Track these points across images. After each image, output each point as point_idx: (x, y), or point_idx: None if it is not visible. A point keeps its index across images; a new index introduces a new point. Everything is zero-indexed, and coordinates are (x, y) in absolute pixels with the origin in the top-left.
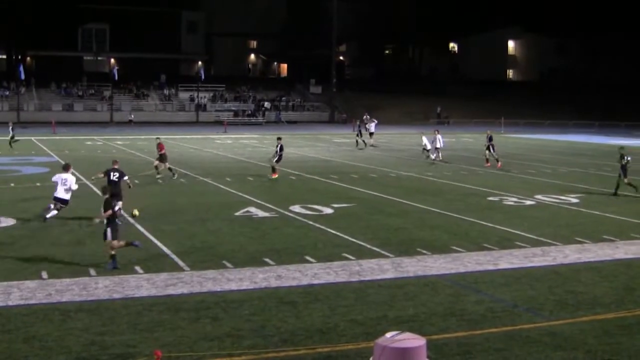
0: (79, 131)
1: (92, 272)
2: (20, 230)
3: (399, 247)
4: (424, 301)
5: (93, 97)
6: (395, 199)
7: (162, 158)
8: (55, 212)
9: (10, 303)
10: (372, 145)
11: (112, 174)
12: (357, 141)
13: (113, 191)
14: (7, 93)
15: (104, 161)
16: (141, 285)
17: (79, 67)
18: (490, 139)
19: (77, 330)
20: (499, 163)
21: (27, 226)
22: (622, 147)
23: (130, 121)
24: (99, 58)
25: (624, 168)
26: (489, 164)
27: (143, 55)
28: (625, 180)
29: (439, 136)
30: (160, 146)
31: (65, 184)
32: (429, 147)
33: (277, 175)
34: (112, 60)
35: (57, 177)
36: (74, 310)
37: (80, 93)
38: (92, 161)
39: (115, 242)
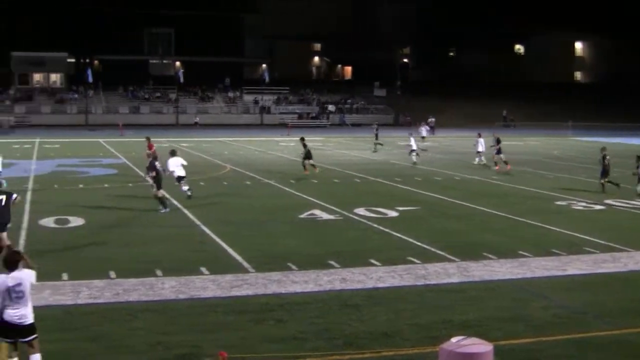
0: (145, 133)
1: (159, 272)
2: (89, 230)
3: (464, 251)
4: (489, 306)
5: (159, 100)
6: (459, 202)
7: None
8: (186, 186)
9: (79, 301)
10: (422, 150)
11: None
12: (375, 145)
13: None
14: (76, 96)
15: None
16: (206, 286)
17: (145, 70)
18: (497, 141)
19: (142, 330)
20: (508, 166)
21: (96, 226)
22: None
23: (196, 123)
24: (165, 61)
25: None
26: (497, 167)
27: (207, 59)
28: None
29: (480, 139)
30: (149, 146)
31: (179, 164)
32: (414, 147)
33: (308, 172)
34: (178, 64)
35: (172, 162)
36: (140, 310)
37: (146, 96)
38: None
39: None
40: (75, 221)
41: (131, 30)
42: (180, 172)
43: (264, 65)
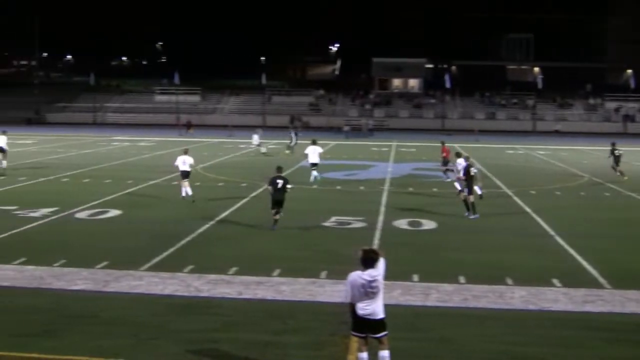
0: (501, 139)
1: (509, 281)
2: (440, 233)
3: None
4: None
5: (516, 106)
6: None
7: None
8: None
9: (427, 304)
10: None
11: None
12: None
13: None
14: (433, 101)
15: (524, 170)
16: (558, 299)
17: (503, 76)
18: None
19: (489, 337)
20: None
21: (447, 230)
22: None
23: (557, 131)
24: (523, 67)
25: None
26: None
27: (567, 64)
28: None
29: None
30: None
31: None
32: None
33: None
34: (536, 69)
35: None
36: (488, 317)
37: (503, 102)
38: (514, 170)
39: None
40: (428, 224)
41: (490, 35)
42: (315, 160)
43: (629, 71)
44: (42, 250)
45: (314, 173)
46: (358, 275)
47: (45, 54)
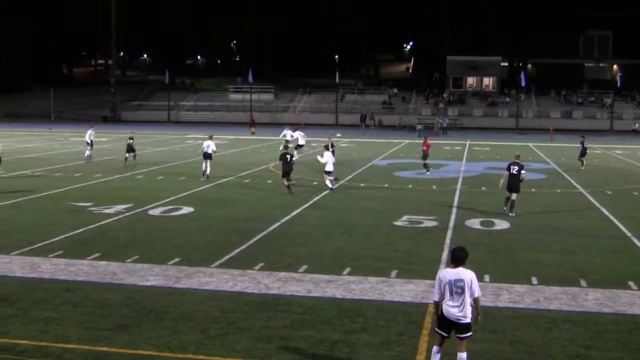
0: (577, 139)
1: (583, 282)
2: (516, 234)
3: None
4: None
5: (593, 105)
6: None
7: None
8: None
9: (499, 304)
10: None
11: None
12: None
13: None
14: (508, 100)
15: (600, 170)
16: (634, 302)
17: (580, 74)
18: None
19: (562, 340)
20: None
21: (523, 231)
22: None
23: (635, 130)
24: (601, 65)
25: None
26: None
27: None
28: None
29: None
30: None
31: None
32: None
33: None
34: (615, 67)
35: (327, 155)
36: (561, 319)
37: (579, 100)
38: (590, 170)
39: None
40: (501, 224)
41: (567, 33)
42: (329, 167)
43: None
44: (116, 246)
45: (330, 178)
46: (447, 272)
47: (122, 54)
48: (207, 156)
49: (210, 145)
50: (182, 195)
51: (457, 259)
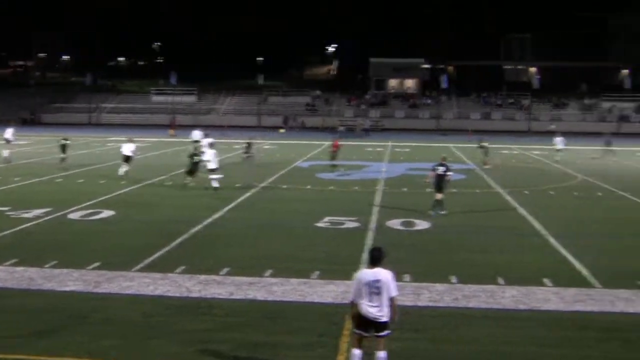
0: (496, 140)
1: (500, 280)
2: (434, 234)
3: None
4: None
5: (512, 106)
6: None
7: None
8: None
9: (419, 304)
10: None
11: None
12: None
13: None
14: (429, 101)
15: (518, 170)
16: (549, 298)
17: (499, 76)
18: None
19: (480, 337)
20: None
21: (441, 230)
22: None
23: (551, 131)
24: (520, 67)
25: None
26: None
27: (564, 64)
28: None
29: None
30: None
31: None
32: None
33: None
34: (533, 69)
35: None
36: (479, 316)
37: (499, 102)
38: (508, 170)
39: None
40: (421, 224)
41: (488, 35)
42: (212, 165)
43: (625, 71)
44: (34, 251)
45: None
46: (365, 273)
47: (41, 55)
48: (126, 159)
49: (129, 148)
50: (103, 198)
51: (374, 259)
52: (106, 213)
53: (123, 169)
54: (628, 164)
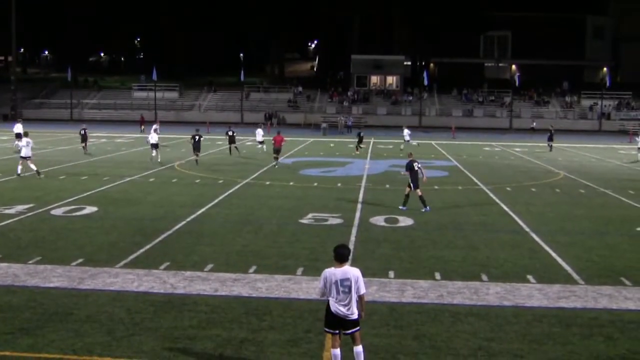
0: (478, 137)
1: (484, 277)
2: (418, 230)
3: None
4: None
5: (493, 103)
6: None
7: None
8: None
9: (404, 300)
10: None
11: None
12: None
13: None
14: (411, 98)
15: (500, 167)
16: (532, 295)
17: (480, 73)
18: None
19: (465, 333)
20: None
21: (425, 227)
22: None
23: (532, 128)
24: (500, 65)
25: None
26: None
27: (545, 62)
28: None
29: None
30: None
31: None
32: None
33: None
34: (513, 67)
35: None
36: (463, 313)
37: (480, 99)
38: (490, 167)
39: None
40: (405, 221)
41: (468, 33)
42: (25, 153)
43: (605, 69)
44: (17, 247)
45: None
46: (333, 272)
47: (22, 50)
48: (155, 146)
49: (154, 137)
50: (86, 194)
51: (341, 256)
52: (89, 209)
53: (155, 155)
54: (610, 161)
